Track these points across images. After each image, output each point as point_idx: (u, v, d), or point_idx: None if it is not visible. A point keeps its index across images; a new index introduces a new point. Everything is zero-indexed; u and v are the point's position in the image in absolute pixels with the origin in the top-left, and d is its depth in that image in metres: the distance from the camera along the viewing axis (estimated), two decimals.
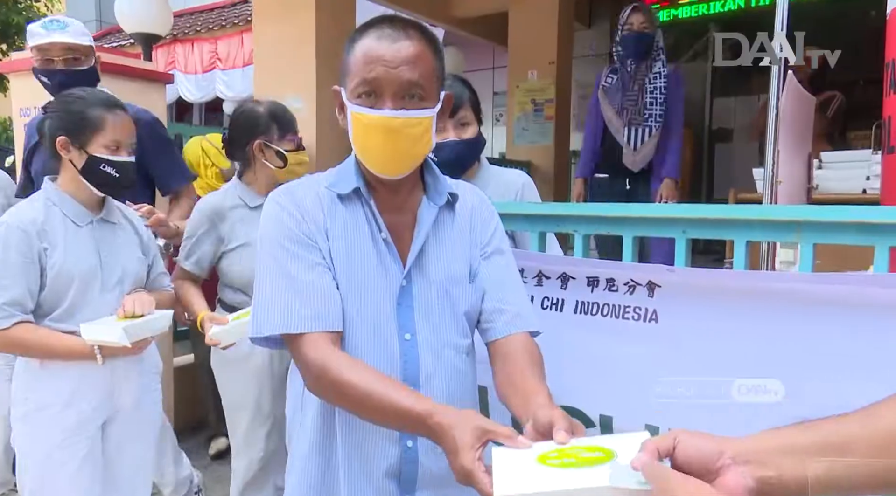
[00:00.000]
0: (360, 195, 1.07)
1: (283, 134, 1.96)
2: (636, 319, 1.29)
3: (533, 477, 0.73)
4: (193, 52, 8.10)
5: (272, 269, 1.04)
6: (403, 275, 1.06)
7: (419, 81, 0.98)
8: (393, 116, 0.98)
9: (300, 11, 3.54)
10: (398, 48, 0.97)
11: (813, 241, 1.11)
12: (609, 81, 3.19)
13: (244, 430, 2.01)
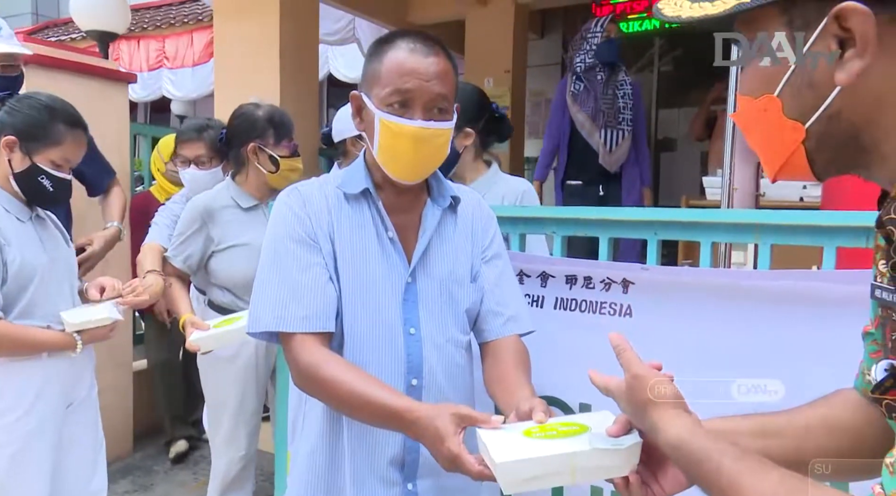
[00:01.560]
0: (367, 196, 1.13)
1: (279, 139, 1.98)
2: (612, 314, 1.40)
3: (525, 446, 0.83)
4: (139, 50, 7.89)
5: (272, 267, 1.10)
6: (409, 272, 1.12)
7: (447, 95, 1.06)
8: (424, 127, 1.05)
9: (263, 12, 3.54)
10: (430, 63, 1.04)
11: (770, 243, 1.24)
12: (577, 88, 3.35)
13: (227, 429, 2.02)
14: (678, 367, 1.27)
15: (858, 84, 0.57)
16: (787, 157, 0.63)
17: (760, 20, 0.61)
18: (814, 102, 0.60)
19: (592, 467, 0.80)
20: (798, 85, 0.60)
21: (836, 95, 0.58)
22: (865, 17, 0.54)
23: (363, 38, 6.20)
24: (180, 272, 1.98)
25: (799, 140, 0.61)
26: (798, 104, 0.61)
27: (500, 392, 1.09)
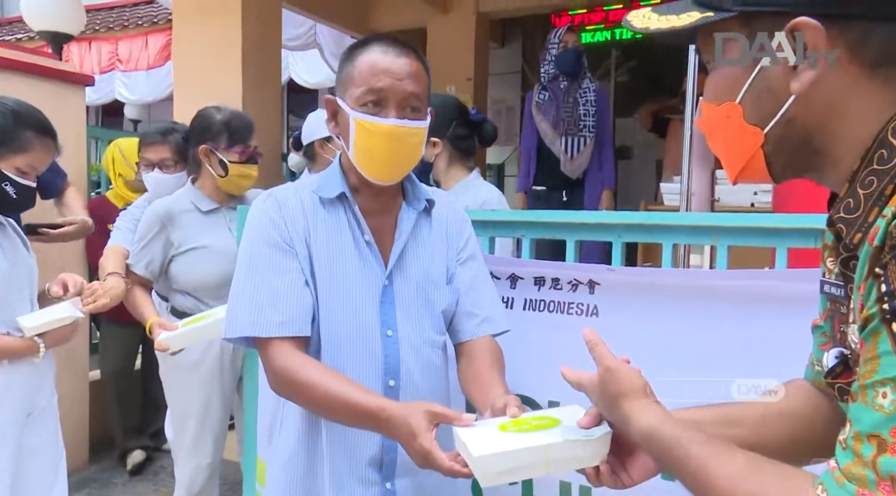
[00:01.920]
0: (344, 199, 1.14)
1: (232, 144, 1.96)
2: (579, 314, 1.45)
3: (500, 440, 0.86)
4: (90, 52, 7.68)
5: (248, 273, 1.10)
6: (385, 275, 1.14)
7: (419, 94, 1.08)
8: (398, 125, 1.07)
9: (224, 15, 3.49)
10: (403, 62, 1.07)
11: (727, 244, 1.31)
12: (542, 98, 3.44)
13: (192, 437, 2.00)
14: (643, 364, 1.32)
15: (811, 92, 0.62)
16: (747, 160, 0.67)
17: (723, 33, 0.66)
18: (772, 109, 0.64)
19: (565, 458, 0.83)
20: (758, 92, 0.65)
21: (791, 103, 0.63)
22: (816, 31, 0.60)
23: (324, 43, 6.19)
24: (143, 279, 1.96)
25: (758, 144, 0.66)
26: (758, 110, 0.65)
27: (475, 391, 1.12)
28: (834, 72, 0.61)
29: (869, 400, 0.52)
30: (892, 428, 0.49)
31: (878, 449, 0.50)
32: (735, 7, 0.64)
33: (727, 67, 0.68)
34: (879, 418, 0.50)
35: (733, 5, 0.64)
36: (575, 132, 3.32)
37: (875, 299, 0.53)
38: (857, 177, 0.62)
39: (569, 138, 3.33)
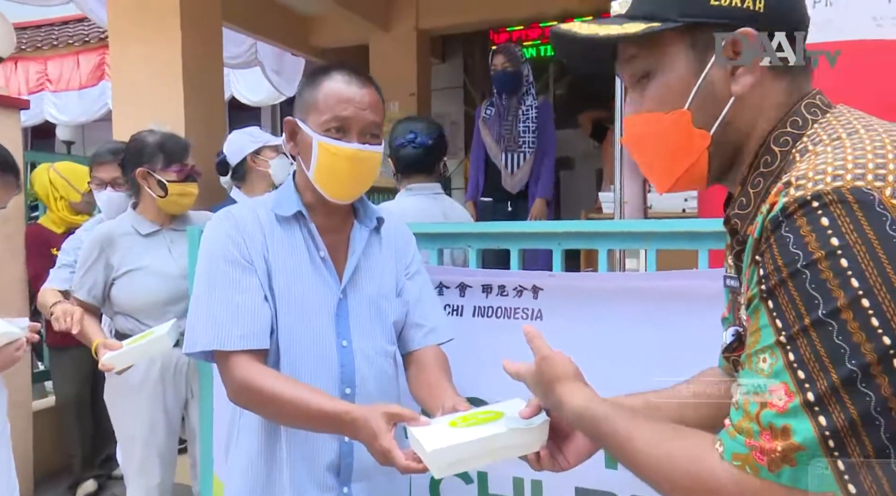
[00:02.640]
0: (300, 217, 1.20)
1: (169, 164, 1.98)
2: (525, 318, 1.53)
3: (451, 434, 0.94)
4: (17, 72, 7.41)
5: (208, 289, 1.14)
6: (340, 289, 1.20)
7: (378, 123, 1.17)
8: (360, 149, 1.14)
9: (163, 34, 3.46)
10: (365, 93, 1.15)
11: (657, 248, 1.42)
12: (488, 113, 3.58)
13: (139, 459, 1.98)
14: (584, 361, 1.41)
15: (745, 96, 0.71)
16: (691, 163, 0.74)
17: (664, 42, 0.73)
18: (714, 112, 0.71)
19: (509, 446, 0.92)
20: (704, 97, 0.72)
21: (731, 104, 0.71)
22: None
23: (265, 61, 6.17)
24: (86, 304, 1.94)
25: (705, 146, 0.73)
26: (703, 114, 0.72)
27: (426, 396, 1.19)
28: (760, 79, 0.70)
29: (753, 366, 0.60)
30: (770, 387, 0.57)
31: (761, 405, 0.58)
32: (680, 19, 0.70)
33: (671, 78, 0.72)
34: (761, 380, 0.58)
35: (680, 17, 0.70)
36: (514, 148, 3.47)
37: (756, 282, 0.61)
38: (748, 179, 0.72)
39: (509, 154, 3.48)
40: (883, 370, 0.53)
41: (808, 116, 0.70)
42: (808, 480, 0.55)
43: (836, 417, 0.54)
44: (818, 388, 0.55)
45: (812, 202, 0.57)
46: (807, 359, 0.56)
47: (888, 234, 0.54)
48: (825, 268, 0.55)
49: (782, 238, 0.58)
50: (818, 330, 0.55)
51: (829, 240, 0.55)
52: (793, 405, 0.56)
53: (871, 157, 0.58)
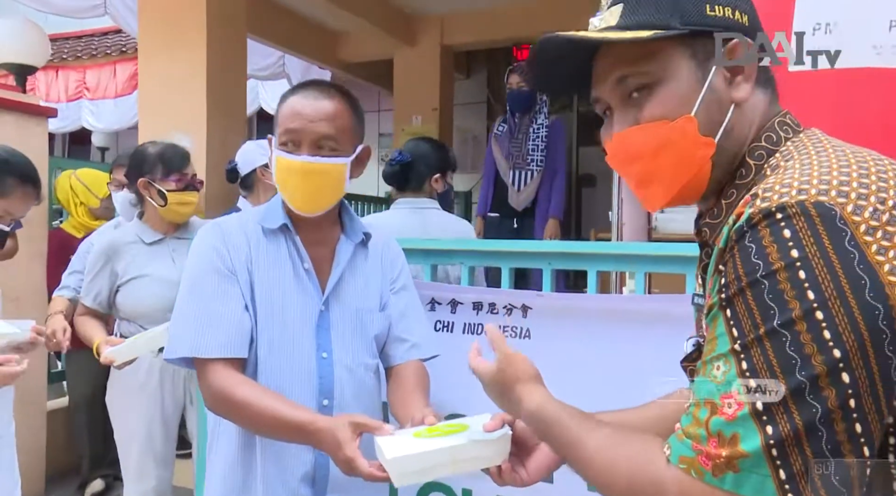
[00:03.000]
0: (285, 230, 1.23)
1: (168, 174, 2.04)
2: (513, 337, 1.54)
3: (413, 444, 0.96)
4: (57, 80, 7.69)
5: (190, 297, 1.18)
6: (322, 301, 1.23)
7: (333, 135, 1.17)
8: (309, 161, 1.16)
9: (189, 47, 3.58)
10: (317, 106, 1.17)
11: (644, 271, 1.42)
12: (500, 130, 3.64)
13: (136, 461, 2.03)
14: (571, 379, 1.43)
15: (743, 104, 0.72)
16: (694, 173, 0.72)
17: (666, 51, 0.72)
18: (719, 119, 0.72)
19: (470, 458, 0.93)
20: (709, 104, 0.71)
21: (732, 111, 0.72)
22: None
23: (292, 73, 6.30)
24: (92, 310, 2.01)
25: (710, 154, 0.72)
26: (708, 121, 0.72)
27: (401, 409, 1.21)
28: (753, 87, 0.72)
29: (707, 372, 0.60)
30: (721, 394, 0.58)
31: (711, 411, 0.58)
32: (683, 26, 0.71)
33: (676, 86, 0.71)
34: (713, 387, 0.59)
35: (682, 24, 0.70)
36: (522, 166, 3.51)
37: (717, 290, 0.62)
38: (724, 191, 0.73)
39: (517, 172, 3.52)
40: (831, 382, 0.54)
41: (781, 133, 0.72)
42: (749, 487, 0.56)
43: (781, 427, 0.55)
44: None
45: (776, 214, 0.58)
46: (759, 368, 0.56)
47: (846, 248, 0.55)
48: (783, 280, 0.56)
49: (745, 248, 0.59)
50: (772, 340, 0.56)
51: (789, 251, 0.56)
52: (742, 413, 0.56)
53: (835, 175, 0.59)
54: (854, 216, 0.56)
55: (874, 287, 0.54)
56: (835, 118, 1.53)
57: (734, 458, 0.56)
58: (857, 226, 0.56)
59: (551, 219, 3.49)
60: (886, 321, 0.54)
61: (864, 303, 0.54)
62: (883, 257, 0.55)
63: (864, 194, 0.57)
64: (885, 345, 0.54)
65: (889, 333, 0.54)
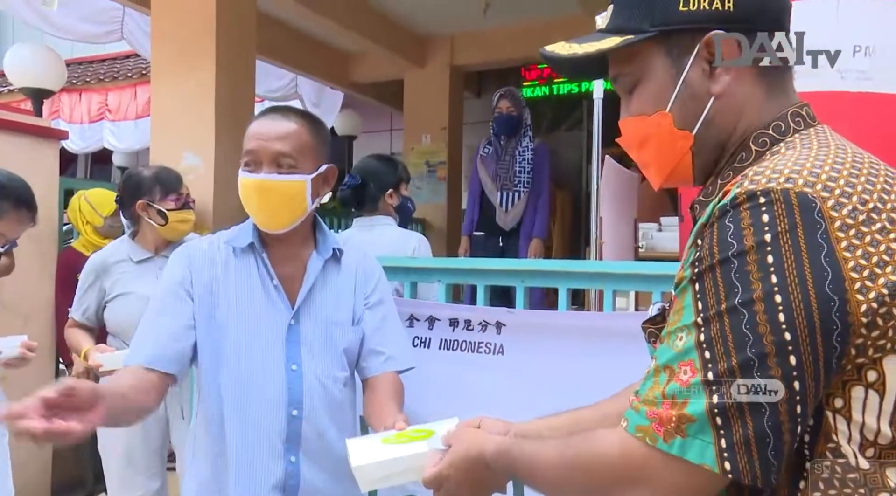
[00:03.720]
0: (253, 248, 1.29)
1: (166, 194, 2.13)
2: (488, 353, 1.58)
3: (378, 451, 1.00)
4: (81, 102, 7.93)
5: (147, 314, 1.27)
6: (291, 315, 1.28)
7: (290, 152, 1.22)
8: (264, 179, 1.22)
9: (199, 69, 3.69)
10: (273, 126, 1.23)
11: (612, 289, 1.46)
12: (486, 151, 3.69)
13: (115, 473, 2.09)
14: (543, 394, 1.46)
15: (726, 94, 0.73)
16: (677, 162, 0.76)
17: (642, 52, 0.74)
18: (696, 112, 0.74)
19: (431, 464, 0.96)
20: (683, 99, 0.73)
21: (712, 104, 0.74)
22: (730, 41, 0.71)
23: (305, 94, 6.44)
24: (81, 323, 2.09)
25: (688, 146, 0.74)
26: (684, 115, 0.73)
27: (375, 420, 1.24)
28: (739, 78, 0.73)
29: (670, 341, 0.62)
30: (679, 362, 0.60)
31: (669, 377, 0.60)
32: (653, 29, 0.72)
33: (653, 84, 0.74)
34: (673, 354, 0.61)
35: (651, 27, 0.72)
36: (510, 187, 3.59)
37: (689, 263, 0.64)
38: (721, 171, 0.75)
39: (504, 193, 3.60)
40: (778, 362, 0.57)
41: (791, 124, 0.72)
42: (693, 452, 0.58)
43: (726, 396, 0.57)
44: (718, 368, 0.58)
45: (760, 197, 0.60)
46: (715, 341, 0.59)
47: (817, 240, 0.58)
48: (751, 261, 0.58)
49: (724, 227, 0.61)
50: (731, 316, 0.58)
51: (763, 234, 0.58)
52: (694, 381, 0.59)
53: (827, 169, 0.61)
54: (832, 212, 0.58)
55: (835, 280, 0.57)
56: None
57: (682, 423, 0.58)
58: (833, 221, 0.58)
59: (534, 238, 3.56)
60: (839, 314, 0.56)
61: (822, 294, 0.56)
62: (850, 254, 0.57)
63: (849, 193, 0.59)
64: (833, 335, 0.57)
65: (839, 325, 0.57)
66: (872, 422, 0.59)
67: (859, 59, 1.48)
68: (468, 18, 5.45)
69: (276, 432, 1.24)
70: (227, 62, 3.76)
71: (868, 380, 0.59)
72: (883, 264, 0.57)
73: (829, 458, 0.60)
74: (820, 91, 1.54)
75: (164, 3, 3.80)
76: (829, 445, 0.60)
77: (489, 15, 5.27)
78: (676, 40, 0.73)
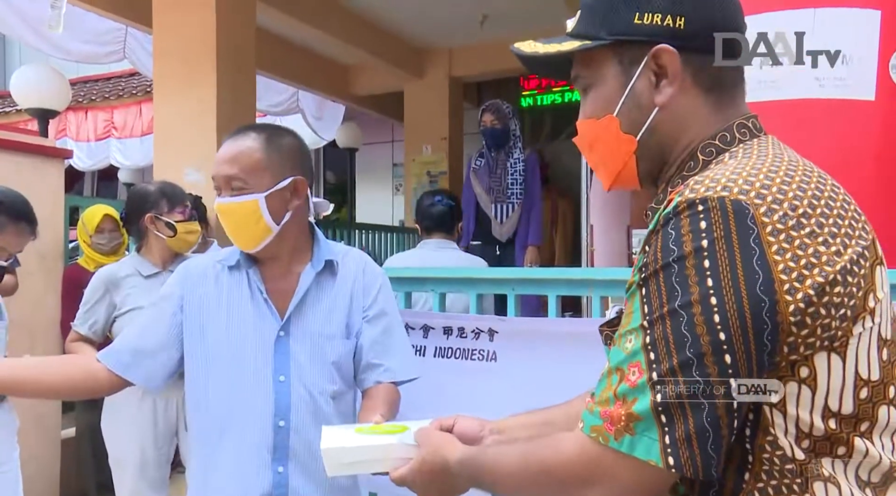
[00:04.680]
0: (242, 265, 1.32)
1: (173, 207, 2.17)
2: (481, 359, 1.62)
3: (349, 438, 1.03)
4: (87, 120, 8.03)
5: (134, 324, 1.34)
6: (280, 326, 1.30)
7: (238, 175, 1.24)
8: (220, 202, 1.26)
9: (201, 86, 3.76)
10: (226, 149, 1.26)
11: (600, 295, 1.49)
12: (478, 164, 3.78)
13: (129, 488, 2.12)
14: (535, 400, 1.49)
15: (669, 105, 0.77)
16: (623, 165, 0.79)
17: (597, 58, 0.79)
18: (640, 119, 0.76)
19: (398, 458, 0.99)
20: (629, 106, 0.77)
21: (656, 113, 0.78)
22: (673, 55, 0.75)
23: (306, 108, 6.52)
24: (85, 337, 2.12)
25: (632, 150, 0.78)
26: (630, 121, 0.77)
27: (362, 421, 1.26)
28: (683, 91, 0.77)
29: (621, 344, 0.65)
30: (629, 363, 0.63)
31: (619, 378, 0.63)
32: (608, 37, 0.77)
33: (604, 89, 0.78)
34: (623, 356, 0.64)
35: (608, 35, 0.77)
36: (503, 199, 3.69)
37: (637, 268, 0.67)
38: (671, 179, 0.79)
39: (498, 205, 3.70)
40: (714, 361, 0.60)
41: (737, 135, 0.76)
42: (641, 449, 0.61)
43: (669, 394, 0.60)
44: (661, 368, 0.61)
45: (698, 205, 0.63)
46: (658, 342, 0.62)
47: (750, 245, 0.61)
48: (689, 266, 0.62)
49: (667, 233, 0.64)
50: (672, 318, 0.61)
51: (701, 240, 0.62)
52: (641, 381, 0.62)
53: (761, 178, 0.64)
54: (765, 217, 0.61)
55: (765, 282, 0.60)
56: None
57: (630, 421, 0.61)
58: (764, 226, 0.61)
59: (530, 247, 3.65)
60: (769, 314, 0.60)
61: (753, 295, 0.60)
62: (780, 257, 0.60)
63: (780, 199, 0.63)
64: (764, 333, 0.60)
65: (769, 324, 0.60)
66: (806, 416, 0.63)
67: (837, 68, 1.52)
68: (466, 30, 5.52)
69: (262, 442, 1.26)
70: (228, 78, 3.84)
71: (801, 376, 0.62)
72: (811, 266, 0.61)
73: (768, 451, 0.64)
74: (800, 99, 1.58)
75: (166, 21, 3.88)
76: (767, 438, 0.64)
77: (486, 27, 5.37)
78: (628, 50, 0.77)
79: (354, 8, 5.15)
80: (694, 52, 0.75)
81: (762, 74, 1.58)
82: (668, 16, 0.75)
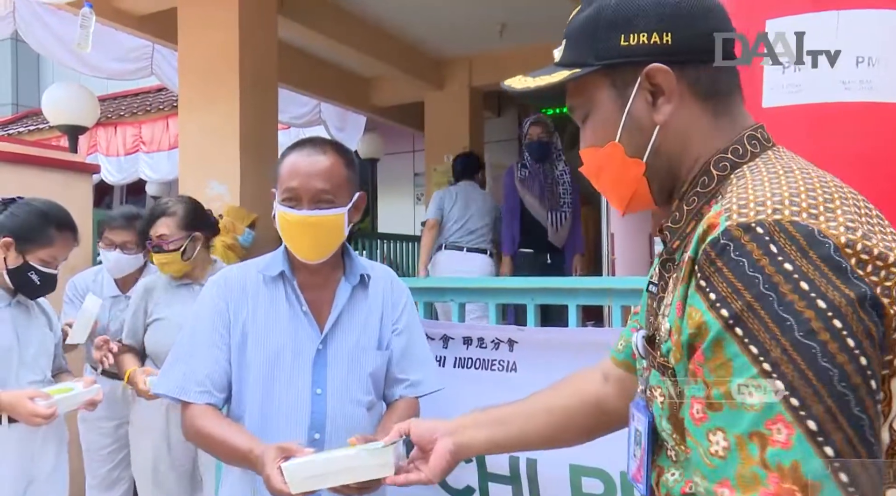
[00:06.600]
0: (284, 276, 1.34)
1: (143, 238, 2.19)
2: (501, 370, 1.61)
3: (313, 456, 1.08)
4: (116, 136, 8.22)
5: (186, 341, 1.32)
6: (320, 340, 1.32)
7: (329, 189, 1.27)
8: (308, 215, 1.26)
9: (224, 101, 3.82)
10: (311, 163, 1.27)
11: (620, 304, 1.47)
12: (523, 174, 3.87)
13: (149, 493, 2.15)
14: None
15: (670, 123, 0.76)
16: (634, 189, 0.77)
17: (590, 85, 0.77)
18: (643, 141, 0.75)
19: (361, 466, 1.02)
20: (630, 130, 0.75)
21: (657, 132, 0.76)
22: (666, 73, 0.74)
23: (329, 119, 6.59)
24: (130, 347, 2.16)
25: (641, 172, 0.76)
26: (633, 144, 0.75)
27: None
28: (682, 106, 0.74)
29: (735, 403, 0.55)
30: (766, 421, 0.53)
31: (761, 444, 0.53)
32: (597, 62, 0.75)
33: (601, 115, 0.77)
34: (752, 416, 0.54)
35: (596, 61, 0.75)
36: (557, 207, 3.81)
37: (708, 307, 0.59)
38: (685, 196, 0.77)
39: (553, 213, 3.81)
40: (867, 393, 0.53)
41: (748, 147, 0.73)
42: None
43: (838, 443, 0.52)
44: (814, 413, 0.53)
45: (756, 228, 0.59)
46: (795, 384, 0.53)
47: (832, 258, 0.57)
48: (787, 291, 0.55)
49: (735, 262, 0.58)
50: (800, 352, 0.54)
51: (782, 264, 0.57)
52: (795, 437, 0.53)
53: (804, 197, 0.62)
54: (831, 230, 0.58)
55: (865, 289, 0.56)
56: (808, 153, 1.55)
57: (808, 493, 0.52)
58: (837, 237, 0.58)
59: (577, 255, 3.78)
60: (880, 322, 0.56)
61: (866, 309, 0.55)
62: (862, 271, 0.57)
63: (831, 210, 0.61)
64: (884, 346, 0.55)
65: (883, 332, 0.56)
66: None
67: (862, 70, 1.49)
68: (484, 40, 5.53)
69: None
70: (250, 94, 3.90)
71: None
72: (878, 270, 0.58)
73: None
74: (825, 102, 1.54)
75: (190, 38, 3.96)
76: None
77: (505, 36, 5.38)
78: (620, 73, 0.75)
79: (374, 21, 5.20)
80: (686, 64, 0.74)
81: (785, 78, 1.55)
82: (653, 34, 0.73)
